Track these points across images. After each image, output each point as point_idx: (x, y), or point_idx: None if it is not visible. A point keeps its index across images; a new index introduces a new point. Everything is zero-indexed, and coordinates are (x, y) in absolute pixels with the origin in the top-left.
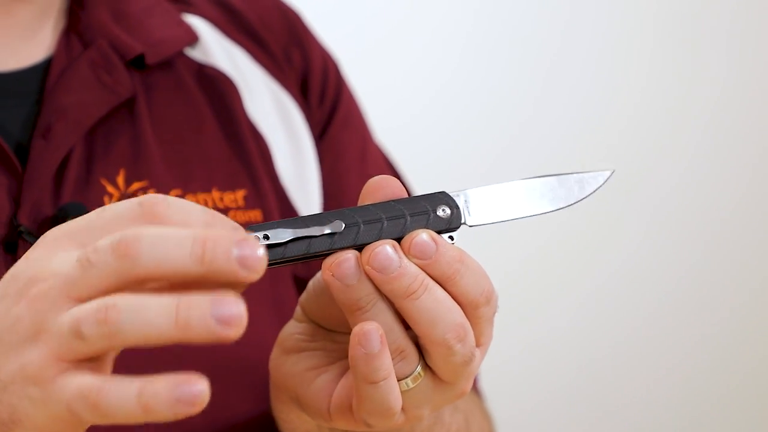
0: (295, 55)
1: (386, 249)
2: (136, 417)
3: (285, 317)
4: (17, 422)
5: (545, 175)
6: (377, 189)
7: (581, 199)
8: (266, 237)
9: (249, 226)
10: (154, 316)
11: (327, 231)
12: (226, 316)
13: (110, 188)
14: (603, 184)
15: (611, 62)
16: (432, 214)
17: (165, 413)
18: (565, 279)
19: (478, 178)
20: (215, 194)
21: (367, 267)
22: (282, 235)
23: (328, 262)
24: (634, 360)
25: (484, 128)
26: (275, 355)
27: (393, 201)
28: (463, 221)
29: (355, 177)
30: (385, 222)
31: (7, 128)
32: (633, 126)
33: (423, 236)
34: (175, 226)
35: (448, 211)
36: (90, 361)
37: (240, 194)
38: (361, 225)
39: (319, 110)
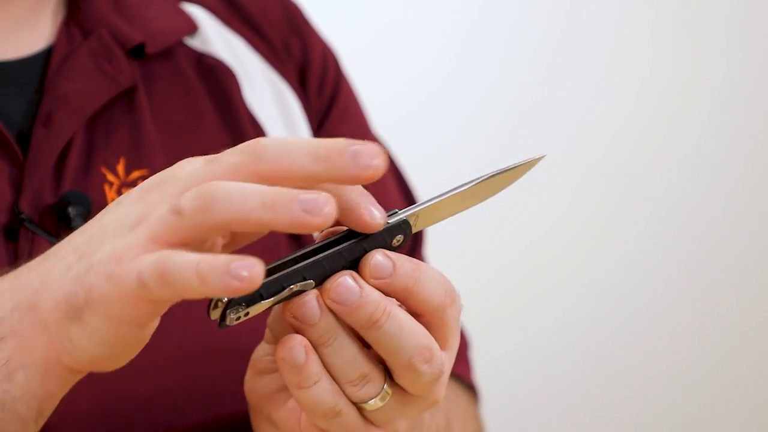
0: (294, 46)
1: (346, 280)
2: (193, 288)
3: None
4: (90, 303)
5: (476, 179)
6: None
7: (509, 185)
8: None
9: (230, 299)
10: (248, 195)
11: (296, 289)
12: (310, 204)
13: (110, 176)
14: (534, 166)
15: (610, 57)
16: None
17: (217, 285)
18: (560, 276)
19: (477, 171)
20: None
21: (328, 301)
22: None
23: (289, 307)
24: (629, 359)
25: (482, 121)
26: (248, 377)
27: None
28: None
29: None
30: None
31: (9, 116)
32: (632, 121)
33: (378, 257)
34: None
35: (402, 237)
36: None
37: None
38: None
39: (317, 101)
